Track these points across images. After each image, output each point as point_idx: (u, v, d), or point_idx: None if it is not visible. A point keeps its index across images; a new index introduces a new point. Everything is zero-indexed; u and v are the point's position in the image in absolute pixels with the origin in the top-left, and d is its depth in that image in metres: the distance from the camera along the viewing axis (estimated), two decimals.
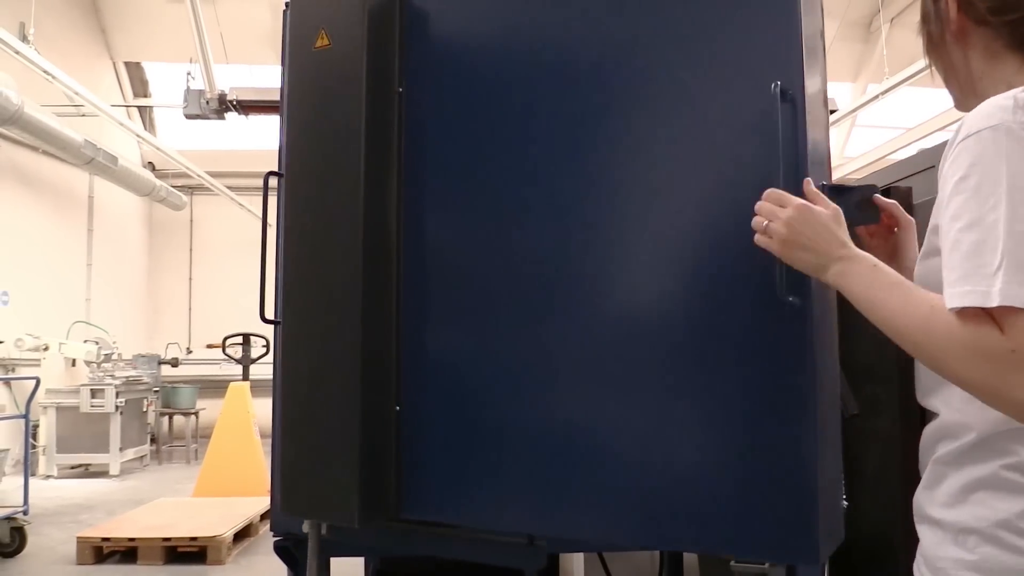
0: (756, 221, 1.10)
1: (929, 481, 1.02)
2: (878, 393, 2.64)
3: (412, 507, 1.54)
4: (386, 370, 1.50)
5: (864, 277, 0.97)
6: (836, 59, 9.44)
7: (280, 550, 1.76)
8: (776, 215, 1.06)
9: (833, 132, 11.05)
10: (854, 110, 9.54)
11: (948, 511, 0.96)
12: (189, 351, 11.29)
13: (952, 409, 0.98)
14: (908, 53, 8.78)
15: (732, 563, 2.51)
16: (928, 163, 2.75)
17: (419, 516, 1.54)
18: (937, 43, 1.07)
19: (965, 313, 0.83)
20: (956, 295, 0.84)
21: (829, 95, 3.84)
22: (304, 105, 1.54)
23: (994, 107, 0.87)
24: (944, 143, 2.80)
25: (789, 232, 1.05)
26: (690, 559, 2.91)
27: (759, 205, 1.10)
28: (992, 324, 0.82)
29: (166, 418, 9.96)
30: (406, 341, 1.54)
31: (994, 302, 0.80)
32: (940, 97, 9.70)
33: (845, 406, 1.83)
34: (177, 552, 4.74)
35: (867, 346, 2.78)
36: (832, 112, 9.81)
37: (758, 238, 1.10)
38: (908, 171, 2.89)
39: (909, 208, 2.61)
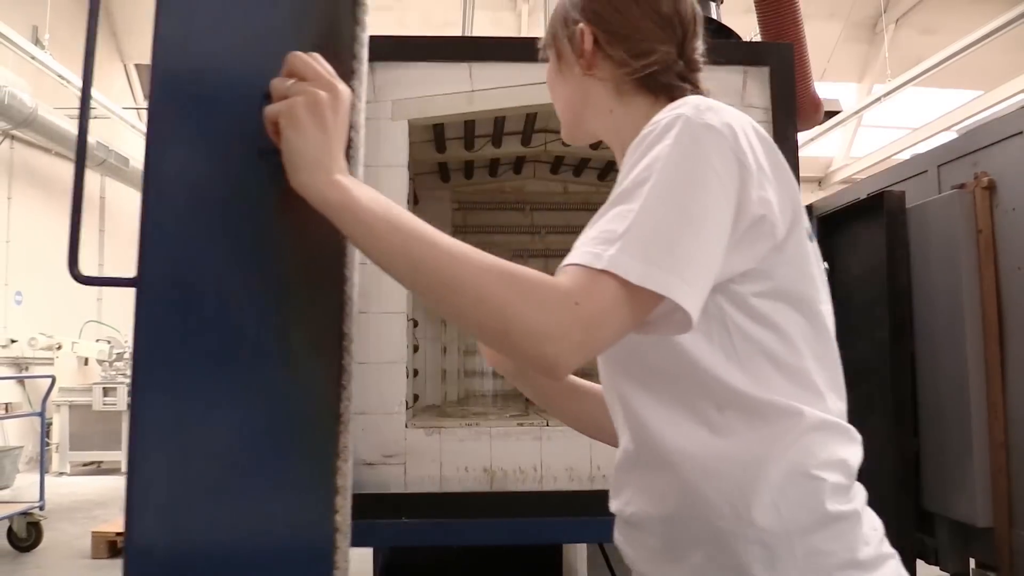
0: (279, 82, 0.79)
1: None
2: (873, 392, 2.70)
3: None
4: None
5: (379, 195, 0.79)
6: (841, 60, 9.47)
7: None
8: (321, 76, 0.78)
9: (839, 133, 11.07)
10: (859, 111, 9.58)
11: None
12: None
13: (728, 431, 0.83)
14: (913, 54, 8.81)
15: None
16: (922, 168, 2.81)
17: None
18: (565, 67, 1.02)
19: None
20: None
21: (834, 96, 3.86)
22: None
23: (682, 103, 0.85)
24: (942, 146, 2.86)
25: (329, 97, 0.77)
26: None
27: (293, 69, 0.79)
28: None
29: None
30: None
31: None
32: (945, 97, 9.73)
33: None
34: None
35: (862, 346, 2.84)
36: (837, 113, 9.83)
37: (271, 108, 0.78)
38: (902, 175, 2.95)
39: (902, 211, 2.67)
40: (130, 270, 0.76)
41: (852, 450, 0.87)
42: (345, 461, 0.84)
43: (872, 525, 0.85)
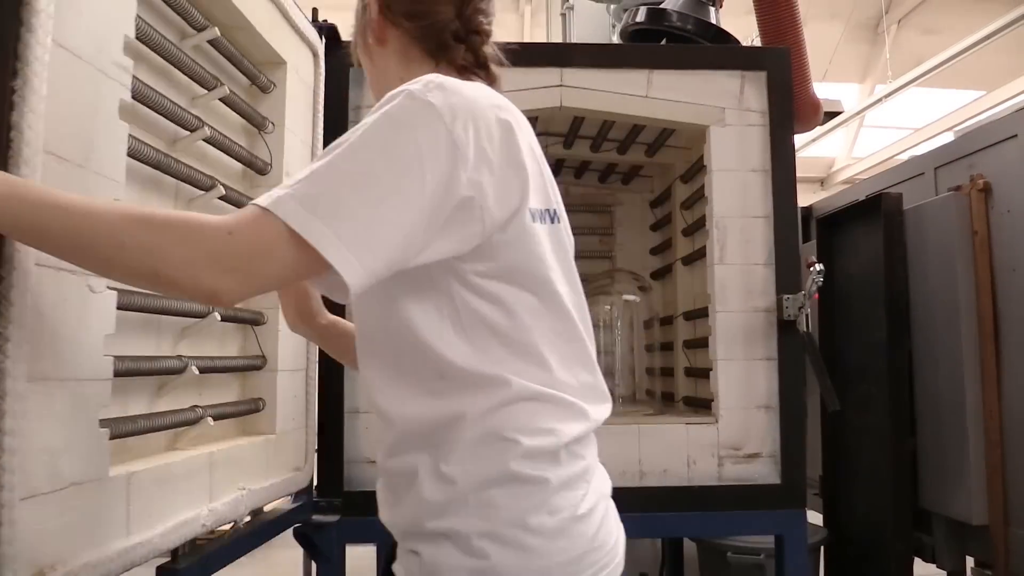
0: None
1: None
2: (871, 391, 2.73)
3: None
4: None
5: (5, 175, 0.77)
6: (843, 60, 9.48)
7: (299, 536, 1.86)
8: None
9: (841, 133, 11.07)
10: (861, 111, 9.59)
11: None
12: None
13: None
14: (915, 54, 8.83)
15: (728, 554, 2.61)
16: (918, 170, 2.84)
17: None
18: (363, 42, 1.08)
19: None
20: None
21: (836, 96, 3.82)
22: None
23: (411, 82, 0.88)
24: (938, 148, 2.86)
25: None
26: (689, 550, 3.01)
27: None
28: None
29: None
30: None
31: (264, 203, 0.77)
32: (947, 98, 9.74)
33: (827, 403, 1.93)
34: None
35: (860, 347, 2.87)
36: (839, 113, 9.82)
37: None
38: (900, 177, 2.97)
39: (899, 213, 2.70)
40: None
41: (567, 424, 0.91)
42: None
43: (571, 502, 0.88)
